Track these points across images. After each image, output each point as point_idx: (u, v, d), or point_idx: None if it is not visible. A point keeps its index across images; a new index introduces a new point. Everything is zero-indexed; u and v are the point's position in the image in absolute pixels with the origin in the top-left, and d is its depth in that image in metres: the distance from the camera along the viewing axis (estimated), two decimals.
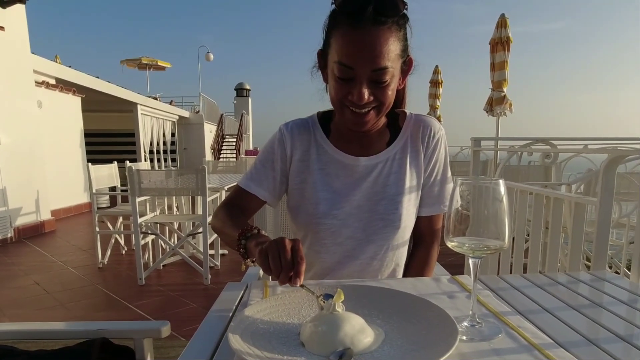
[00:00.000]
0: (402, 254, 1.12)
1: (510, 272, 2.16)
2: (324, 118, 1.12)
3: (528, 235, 2.17)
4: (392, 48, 0.89)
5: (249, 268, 1.42)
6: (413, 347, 0.61)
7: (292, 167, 1.10)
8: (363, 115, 0.95)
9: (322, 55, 0.99)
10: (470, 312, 0.70)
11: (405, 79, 1.01)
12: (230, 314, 0.78)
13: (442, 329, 0.63)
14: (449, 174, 1.13)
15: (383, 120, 1.07)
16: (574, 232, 1.55)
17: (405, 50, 0.94)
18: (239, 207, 1.10)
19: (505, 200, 0.65)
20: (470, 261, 0.69)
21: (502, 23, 5.08)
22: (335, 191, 1.06)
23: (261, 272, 1.34)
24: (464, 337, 0.66)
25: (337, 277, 1.07)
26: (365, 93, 0.91)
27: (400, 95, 1.09)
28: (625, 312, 0.78)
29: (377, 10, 0.86)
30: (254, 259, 0.84)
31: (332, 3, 0.91)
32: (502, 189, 0.65)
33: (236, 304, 0.83)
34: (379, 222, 1.05)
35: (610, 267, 2.92)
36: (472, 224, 0.67)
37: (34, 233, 5.56)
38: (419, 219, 1.12)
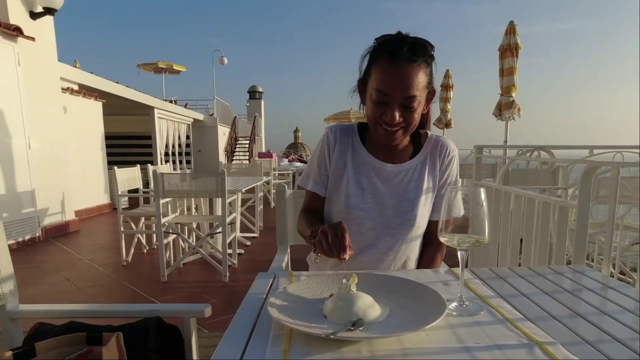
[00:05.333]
0: (414, 248, 1.32)
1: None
2: (362, 128, 1.35)
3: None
4: (420, 80, 1.12)
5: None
6: (411, 319, 0.78)
7: (332, 162, 1.32)
8: (393, 133, 1.18)
9: (362, 82, 1.22)
10: (459, 294, 0.87)
11: (429, 105, 1.25)
12: (264, 296, 0.97)
13: (434, 305, 0.80)
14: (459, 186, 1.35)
15: (408, 138, 1.29)
16: (558, 231, 1.72)
17: (430, 82, 1.17)
18: (313, 210, 1.36)
19: (485, 204, 0.82)
20: (459, 253, 0.86)
21: (510, 30, 5.22)
22: (364, 188, 1.28)
23: (283, 264, 1.52)
24: (454, 313, 0.83)
25: (357, 263, 1.27)
26: (397, 115, 1.13)
27: (425, 118, 1.31)
28: (587, 296, 0.94)
29: (411, 50, 1.09)
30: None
31: (375, 41, 1.15)
32: (482, 195, 0.82)
33: (268, 288, 1.02)
34: (398, 219, 1.26)
35: (614, 267, 3.06)
36: (459, 223, 0.85)
37: (59, 232, 5.83)
38: (430, 223, 1.32)
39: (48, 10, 5.45)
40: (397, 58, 1.09)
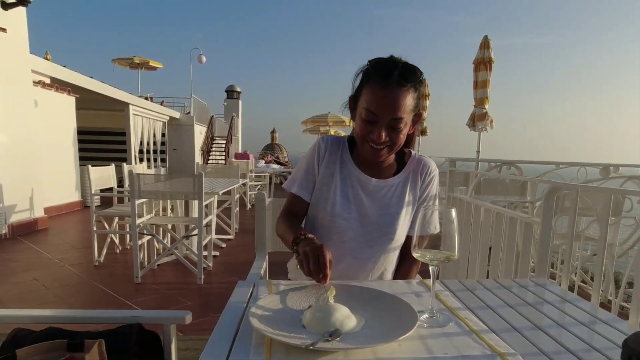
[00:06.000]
0: (391, 260, 1.39)
1: (475, 279, 2.46)
2: (351, 142, 1.40)
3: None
4: (408, 104, 1.19)
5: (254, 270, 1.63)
6: (384, 330, 0.83)
7: (320, 171, 1.37)
8: (379, 150, 1.24)
9: (353, 100, 1.28)
10: (430, 307, 0.93)
11: (415, 126, 1.31)
12: (245, 304, 1.00)
13: (407, 317, 0.86)
14: (437, 204, 1.42)
15: (393, 155, 1.35)
16: (523, 244, 1.82)
17: (417, 105, 1.24)
18: (294, 213, 1.40)
19: (455, 222, 0.88)
20: (430, 268, 0.92)
21: (485, 44, 5.42)
22: (349, 199, 1.34)
23: (262, 271, 1.56)
24: (425, 325, 0.89)
25: (336, 272, 1.31)
26: (383, 135, 1.20)
27: (410, 138, 1.37)
28: (547, 309, 1.02)
29: (401, 75, 1.16)
30: None
31: (368, 63, 1.22)
32: (453, 214, 0.88)
33: (248, 296, 1.05)
34: (378, 232, 1.32)
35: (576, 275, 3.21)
36: (432, 240, 0.91)
37: (27, 230, 5.68)
38: (408, 237, 1.38)
39: (21, 2, 5.32)
40: (388, 81, 1.16)
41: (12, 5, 5.29)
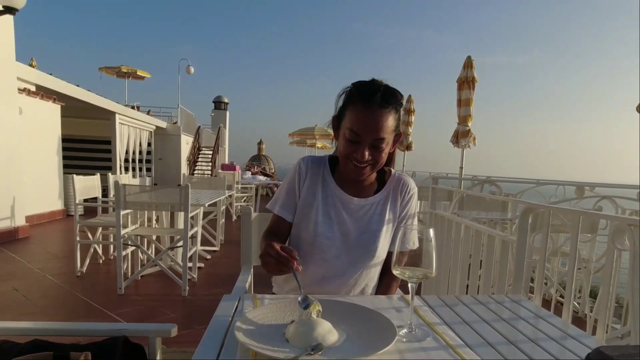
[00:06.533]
0: (373, 276, 1.43)
1: (455, 293, 2.51)
2: (332, 161, 1.44)
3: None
4: (390, 125, 1.24)
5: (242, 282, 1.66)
6: (365, 344, 0.87)
7: (302, 191, 1.40)
8: (362, 169, 1.28)
9: (337, 120, 1.33)
10: (409, 322, 0.97)
11: (395, 146, 1.37)
12: (230, 318, 1.03)
13: (386, 332, 0.89)
14: (416, 221, 1.48)
15: (374, 174, 1.40)
16: (501, 261, 1.89)
17: (397, 126, 1.29)
18: (276, 233, 1.42)
19: (433, 241, 0.93)
20: (409, 284, 0.96)
21: (468, 64, 5.57)
22: (331, 218, 1.37)
23: (247, 285, 1.58)
24: (403, 340, 0.92)
25: (319, 289, 1.35)
26: (366, 154, 1.24)
27: (390, 157, 1.42)
28: (521, 325, 1.07)
29: (383, 97, 1.22)
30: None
31: (351, 85, 1.28)
32: (431, 233, 0.93)
33: (233, 310, 1.08)
34: (360, 249, 1.36)
35: (556, 291, 3.28)
36: (411, 257, 0.95)
37: (7, 238, 5.58)
38: (389, 253, 1.42)
39: (8, 9, 5.26)
40: (371, 103, 1.21)
41: None
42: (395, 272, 0.95)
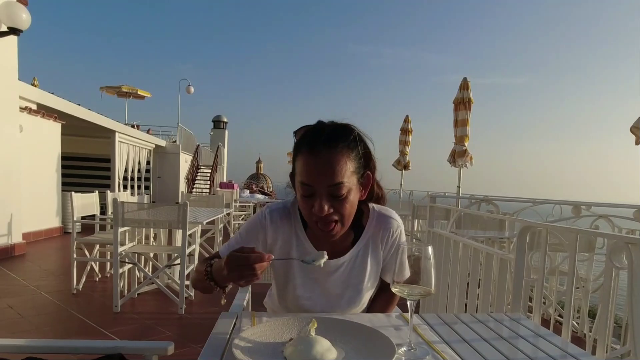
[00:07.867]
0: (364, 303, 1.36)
1: (453, 311, 2.49)
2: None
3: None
4: (345, 166, 1.08)
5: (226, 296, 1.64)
6: None
7: (275, 251, 1.27)
8: (331, 229, 1.13)
9: (292, 177, 1.19)
10: (408, 340, 0.97)
11: (367, 191, 1.20)
12: (228, 336, 1.02)
13: (385, 351, 0.89)
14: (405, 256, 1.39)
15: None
16: (499, 279, 1.88)
17: (361, 165, 1.15)
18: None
19: (432, 259, 0.93)
20: (408, 302, 0.96)
21: (464, 85, 5.66)
22: (311, 278, 1.28)
23: (245, 302, 1.57)
24: (403, 358, 0.92)
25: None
26: (325, 206, 1.08)
27: (380, 194, 1.32)
28: (520, 344, 1.06)
29: (329, 138, 1.08)
30: (225, 286, 1.10)
31: (293, 133, 1.18)
32: (430, 251, 0.93)
33: (231, 328, 1.07)
34: (345, 304, 1.28)
35: (555, 310, 3.26)
36: (411, 276, 0.95)
37: (4, 256, 5.54)
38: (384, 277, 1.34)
39: (13, 31, 5.34)
40: (315, 147, 1.08)
41: (3, 34, 5.33)
42: (394, 289, 0.95)
